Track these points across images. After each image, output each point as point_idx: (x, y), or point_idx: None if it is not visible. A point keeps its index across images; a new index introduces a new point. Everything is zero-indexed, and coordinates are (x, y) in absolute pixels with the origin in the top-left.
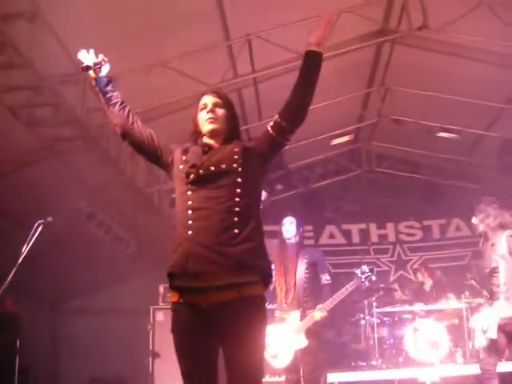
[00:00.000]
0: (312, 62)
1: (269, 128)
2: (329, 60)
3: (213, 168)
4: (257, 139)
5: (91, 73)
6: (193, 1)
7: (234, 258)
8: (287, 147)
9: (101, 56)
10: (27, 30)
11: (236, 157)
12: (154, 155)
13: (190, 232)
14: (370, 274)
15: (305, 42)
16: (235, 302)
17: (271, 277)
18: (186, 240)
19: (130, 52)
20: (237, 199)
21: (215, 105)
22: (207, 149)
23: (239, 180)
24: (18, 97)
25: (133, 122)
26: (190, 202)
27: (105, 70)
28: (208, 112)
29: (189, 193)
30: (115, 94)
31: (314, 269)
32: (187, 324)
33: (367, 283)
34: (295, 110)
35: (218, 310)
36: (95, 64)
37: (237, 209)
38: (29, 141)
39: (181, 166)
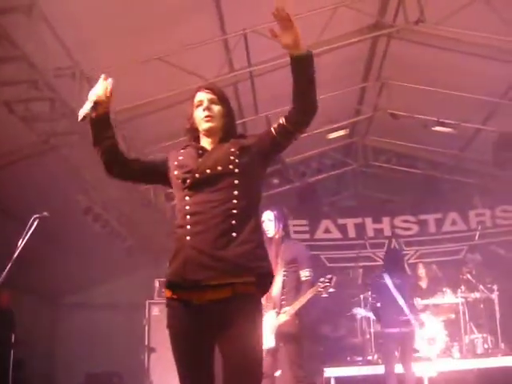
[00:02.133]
0: (303, 65)
1: (272, 130)
2: (325, 54)
3: (209, 171)
4: (257, 138)
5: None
6: None
7: (230, 262)
8: None
9: (106, 83)
10: (23, 23)
11: (232, 157)
12: (160, 180)
13: (188, 237)
14: (328, 284)
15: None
16: (229, 300)
17: (270, 277)
18: (184, 246)
19: (125, 45)
20: (234, 201)
21: (211, 101)
22: (201, 151)
23: (236, 182)
24: (13, 91)
25: (125, 166)
26: (187, 207)
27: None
28: (204, 109)
29: (186, 198)
30: (105, 137)
31: (294, 265)
32: (181, 320)
33: (325, 294)
34: (302, 112)
35: (211, 307)
36: (96, 104)
37: (234, 211)
38: (25, 135)
39: (175, 172)
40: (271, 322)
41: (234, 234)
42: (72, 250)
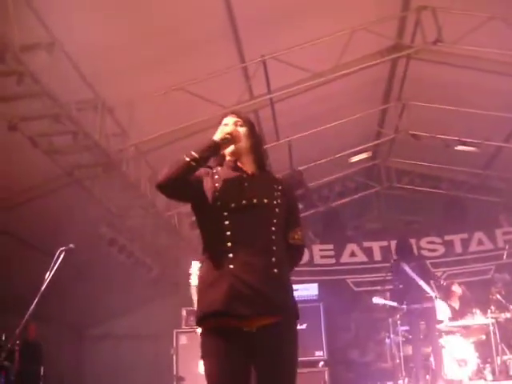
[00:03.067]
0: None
1: (292, 232)
2: (344, 78)
3: (255, 201)
4: (291, 197)
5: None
6: (207, 24)
7: (275, 300)
8: (306, 166)
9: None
10: (45, 59)
11: (276, 193)
12: (194, 199)
13: (231, 266)
14: None
15: (317, 62)
16: (278, 325)
17: (297, 310)
18: (225, 274)
19: (147, 76)
20: (273, 237)
21: (235, 123)
22: (245, 175)
23: (275, 220)
24: (37, 125)
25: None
26: (228, 233)
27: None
28: None
29: (226, 222)
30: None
31: None
32: (223, 348)
33: None
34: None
35: (260, 332)
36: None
37: (274, 248)
38: (49, 169)
39: (216, 193)
40: None
41: (275, 271)
42: (98, 281)
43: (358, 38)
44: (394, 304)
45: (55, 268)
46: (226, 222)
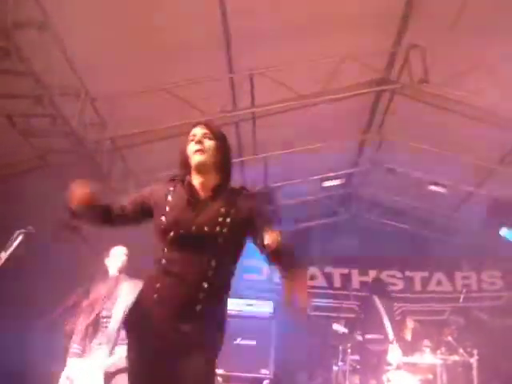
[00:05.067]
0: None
1: (262, 233)
2: (328, 104)
3: (194, 228)
4: (252, 211)
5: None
6: (201, 30)
7: (187, 336)
8: (279, 184)
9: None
10: (34, 39)
11: (220, 219)
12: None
13: (155, 296)
14: None
15: (303, 83)
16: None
17: (221, 345)
18: (148, 301)
19: (133, 73)
20: (210, 273)
21: (204, 135)
22: (193, 200)
23: (216, 251)
24: (17, 104)
25: (116, 218)
26: (163, 261)
27: None
28: (196, 143)
29: (165, 250)
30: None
31: None
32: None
33: None
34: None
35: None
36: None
37: (205, 285)
38: (22, 150)
39: (162, 218)
40: (102, 361)
41: (198, 307)
42: (54, 270)
43: (347, 65)
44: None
45: (11, 249)
46: (165, 250)
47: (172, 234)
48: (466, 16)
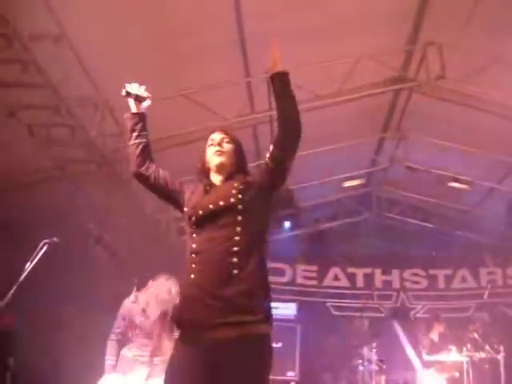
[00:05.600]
0: (279, 84)
1: (267, 160)
2: (346, 103)
3: (211, 206)
4: (257, 173)
5: (131, 103)
6: (216, 34)
7: (229, 301)
8: (299, 186)
9: (145, 92)
10: (51, 51)
11: (234, 191)
12: (167, 199)
13: (192, 276)
14: None
15: (321, 84)
16: (233, 341)
17: (270, 316)
18: (188, 285)
19: (151, 80)
20: (236, 238)
21: (223, 140)
22: (209, 187)
23: (239, 218)
24: (36, 115)
25: (148, 168)
26: (194, 245)
27: (145, 104)
28: (215, 145)
29: (193, 235)
30: (143, 134)
31: None
32: (180, 359)
33: None
34: (285, 135)
35: (214, 346)
36: (138, 96)
37: (235, 248)
38: (43, 159)
39: (185, 209)
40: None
41: (235, 272)
42: (79, 277)
43: (363, 65)
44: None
45: (36, 260)
46: (194, 235)
47: (193, 218)
48: (480, 11)
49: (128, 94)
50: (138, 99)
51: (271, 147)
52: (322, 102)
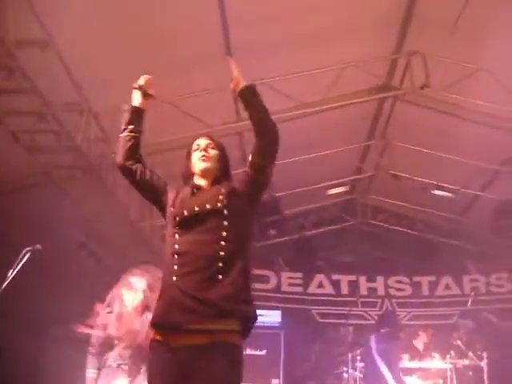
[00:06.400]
0: (249, 95)
1: (247, 169)
2: (331, 111)
3: (197, 208)
4: (239, 181)
5: (136, 96)
6: (202, 43)
7: (212, 305)
8: (283, 193)
9: (153, 91)
10: (37, 57)
11: (221, 197)
12: (150, 196)
13: (174, 278)
14: None
15: (306, 92)
16: (206, 347)
17: (254, 322)
18: (170, 287)
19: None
20: (222, 243)
21: (208, 145)
22: (196, 190)
23: (225, 223)
24: (21, 121)
25: (134, 163)
26: (176, 246)
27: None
28: (201, 151)
29: (176, 236)
30: (138, 129)
31: None
32: (158, 363)
33: None
34: (263, 143)
35: (188, 352)
36: (146, 92)
37: (222, 253)
38: (27, 165)
39: (171, 209)
40: None
41: (219, 277)
42: (63, 284)
43: (348, 73)
44: None
45: (19, 267)
46: (176, 236)
47: (178, 218)
48: (464, 21)
49: (140, 86)
50: (145, 95)
51: (250, 156)
52: (308, 109)
